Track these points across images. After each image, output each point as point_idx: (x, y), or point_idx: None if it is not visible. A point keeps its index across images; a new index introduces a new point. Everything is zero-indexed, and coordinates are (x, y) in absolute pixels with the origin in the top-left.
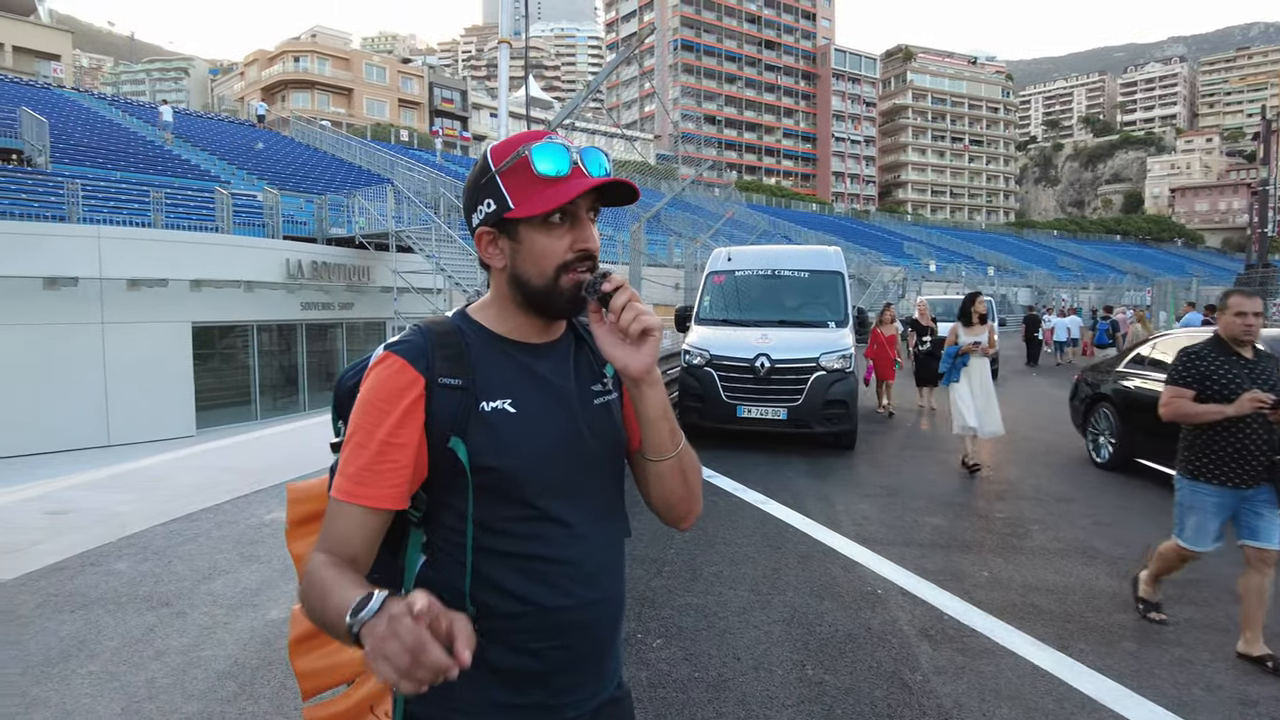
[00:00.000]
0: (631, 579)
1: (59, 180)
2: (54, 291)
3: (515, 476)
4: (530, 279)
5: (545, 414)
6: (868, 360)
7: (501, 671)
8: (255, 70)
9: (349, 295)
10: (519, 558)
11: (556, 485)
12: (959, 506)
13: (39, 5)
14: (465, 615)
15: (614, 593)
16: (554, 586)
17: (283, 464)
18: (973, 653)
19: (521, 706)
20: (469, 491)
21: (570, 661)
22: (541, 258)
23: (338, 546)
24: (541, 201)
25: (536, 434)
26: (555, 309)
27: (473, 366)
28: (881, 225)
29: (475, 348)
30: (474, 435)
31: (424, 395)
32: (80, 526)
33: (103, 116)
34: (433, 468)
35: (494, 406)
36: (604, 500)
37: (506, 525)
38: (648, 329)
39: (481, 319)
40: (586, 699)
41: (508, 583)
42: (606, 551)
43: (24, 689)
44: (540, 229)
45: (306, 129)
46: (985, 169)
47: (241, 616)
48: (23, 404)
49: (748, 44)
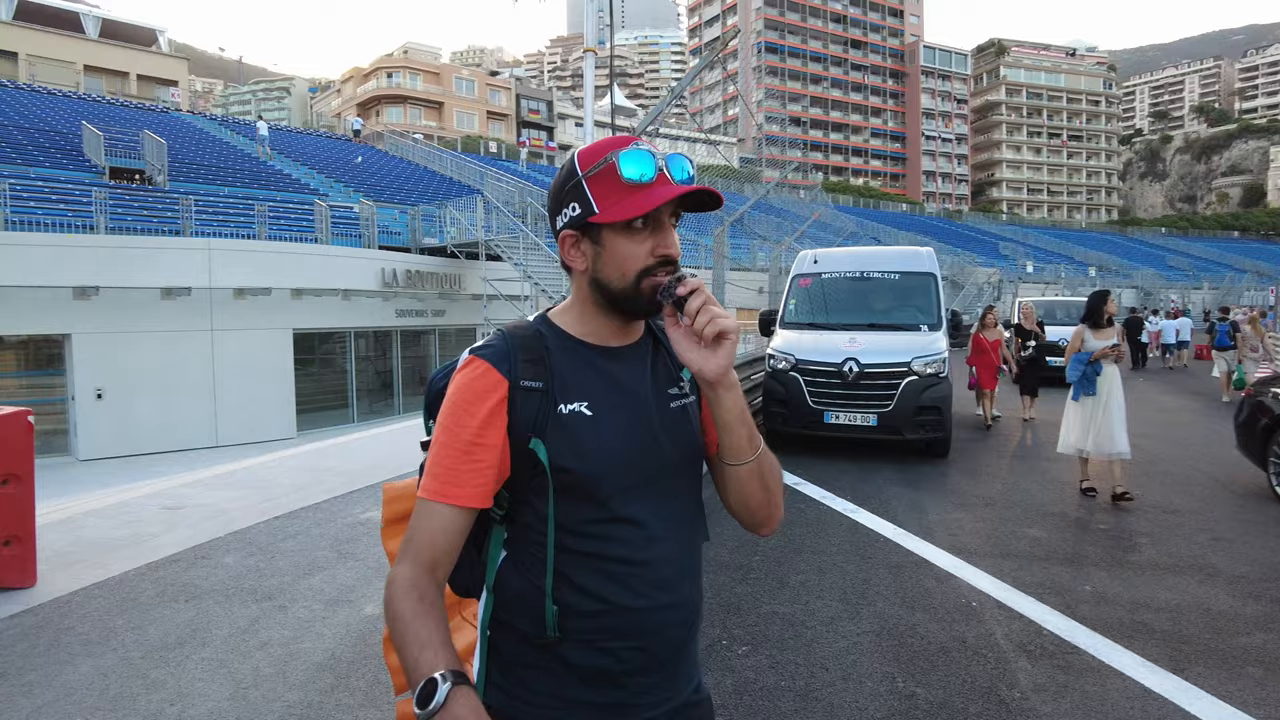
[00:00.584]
0: (715, 585)
1: (175, 197)
2: (170, 301)
3: (590, 478)
4: (611, 282)
5: (620, 417)
6: (968, 367)
7: (578, 669)
8: (351, 87)
9: (441, 303)
10: (595, 558)
11: (631, 488)
12: (1058, 517)
13: (159, 36)
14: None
15: (689, 597)
16: (629, 588)
17: (378, 465)
18: (1076, 670)
19: (597, 705)
20: (549, 492)
21: (646, 663)
22: (624, 262)
23: (424, 547)
24: (627, 208)
25: (611, 437)
26: (635, 311)
27: (552, 370)
28: (975, 225)
29: (555, 351)
30: (553, 437)
31: (507, 397)
32: (192, 522)
33: (212, 136)
34: (515, 468)
35: (571, 409)
36: (679, 504)
37: (584, 526)
38: (723, 332)
39: (561, 323)
40: (662, 701)
41: (585, 582)
42: (681, 555)
43: (145, 671)
44: (623, 234)
45: (399, 142)
46: (1085, 165)
47: (339, 611)
48: (144, 407)
49: (833, 44)
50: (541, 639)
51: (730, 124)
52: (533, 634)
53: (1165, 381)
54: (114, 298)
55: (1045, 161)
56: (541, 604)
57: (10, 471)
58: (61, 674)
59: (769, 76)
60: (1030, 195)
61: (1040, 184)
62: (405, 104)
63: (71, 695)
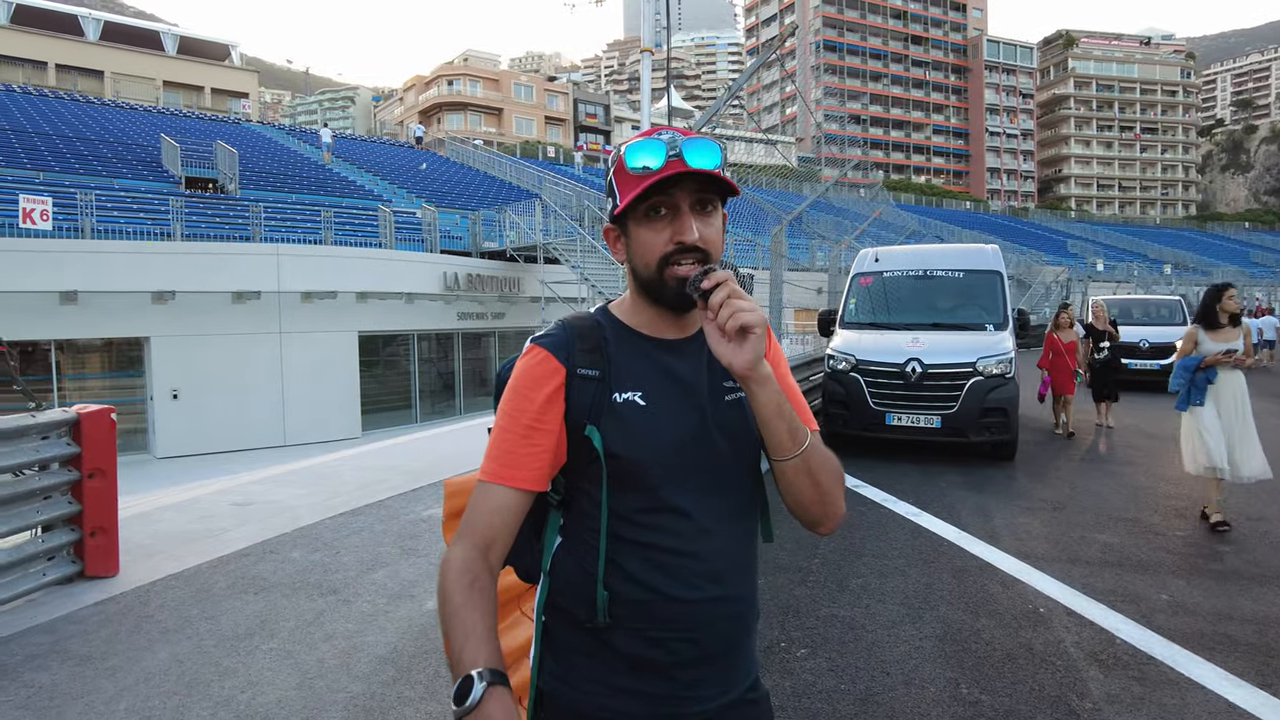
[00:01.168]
0: (774, 586)
1: (245, 204)
2: (241, 305)
3: (641, 467)
4: (639, 271)
5: (673, 408)
6: (1041, 371)
7: (628, 658)
8: (413, 95)
9: (501, 305)
10: (645, 547)
11: (682, 479)
12: (1131, 523)
13: (232, 51)
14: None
15: (742, 591)
16: (678, 579)
17: (439, 464)
18: (1152, 682)
19: (647, 694)
20: (603, 479)
21: (696, 656)
22: (645, 251)
23: (479, 527)
24: (626, 197)
25: (663, 427)
26: (665, 302)
27: (609, 359)
28: (1041, 223)
29: (612, 341)
30: (607, 425)
31: (564, 384)
32: (261, 518)
33: (280, 144)
34: (571, 454)
35: (625, 398)
36: (731, 497)
37: (635, 514)
38: (745, 326)
39: (619, 314)
40: (712, 696)
41: (636, 570)
42: (733, 549)
43: (218, 659)
44: (643, 223)
45: (460, 148)
46: (1160, 159)
47: (401, 606)
48: (216, 407)
49: (893, 40)
50: (592, 624)
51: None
52: (585, 619)
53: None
54: (189, 302)
55: (1117, 156)
56: (593, 590)
57: (96, 466)
58: (141, 659)
59: (828, 75)
60: (1100, 191)
61: (1111, 179)
62: (465, 110)
63: (150, 679)
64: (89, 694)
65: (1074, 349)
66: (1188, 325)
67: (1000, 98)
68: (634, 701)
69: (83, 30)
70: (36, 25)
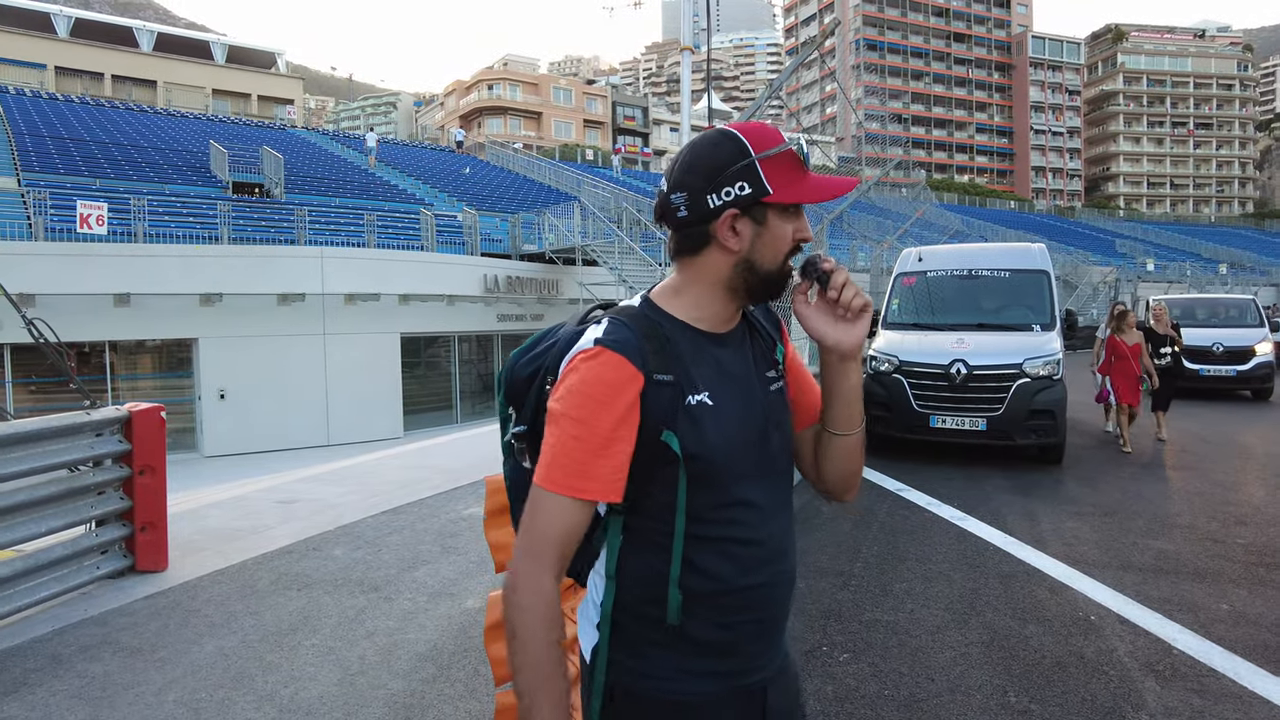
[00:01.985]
0: (815, 591)
1: (290, 208)
2: (286, 306)
3: (716, 465)
4: (764, 262)
5: (735, 404)
6: (1099, 377)
7: (700, 644)
8: (454, 100)
9: (539, 307)
10: (717, 541)
11: (749, 471)
12: (1188, 529)
13: (278, 59)
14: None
15: (793, 565)
16: (747, 567)
17: (479, 463)
18: (1213, 695)
19: (717, 673)
20: (680, 481)
21: (758, 632)
22: (779, 242)
23: (557, 545)
24: (807, 192)
25: (730, 424)
26: (774, 291)
27: (679, 360)
28: (1089, 222)
29: (674, 340)
30: (682, 428)
31: (642, 392)
32: (304, 515)
33: (324, 149)
34: (643, 457)
35: (697, 400)
36: (784, 481)
37: (707, 511)
38: (867, 305)
39: (670, 307)
40: (767, 665)
41: (708, 565)
42: (787, 526)
43: (262, 654)
44: (783, 215)
45: (500, 152)
46: (1215, 155)
47: (441, 604)
48: (261, 407)
49: (935, 38)
50: (666, 623)
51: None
52: (659, 618)
53: None
54: (235, 304)
55: (1168, 153)
56: (664, 590)
57: (147, 463)
58: (189, 652)
59: (868, 73)
60: (1151, 189)
61: (1162, 177)
62: (505, 115)
63: (198, 672)
64: (139, 685)
65: (1139, 352)
66: (1263, 328)
67: (1046, 95)
68: (707, 681)
69: (137, 42)
70: (95, 38)
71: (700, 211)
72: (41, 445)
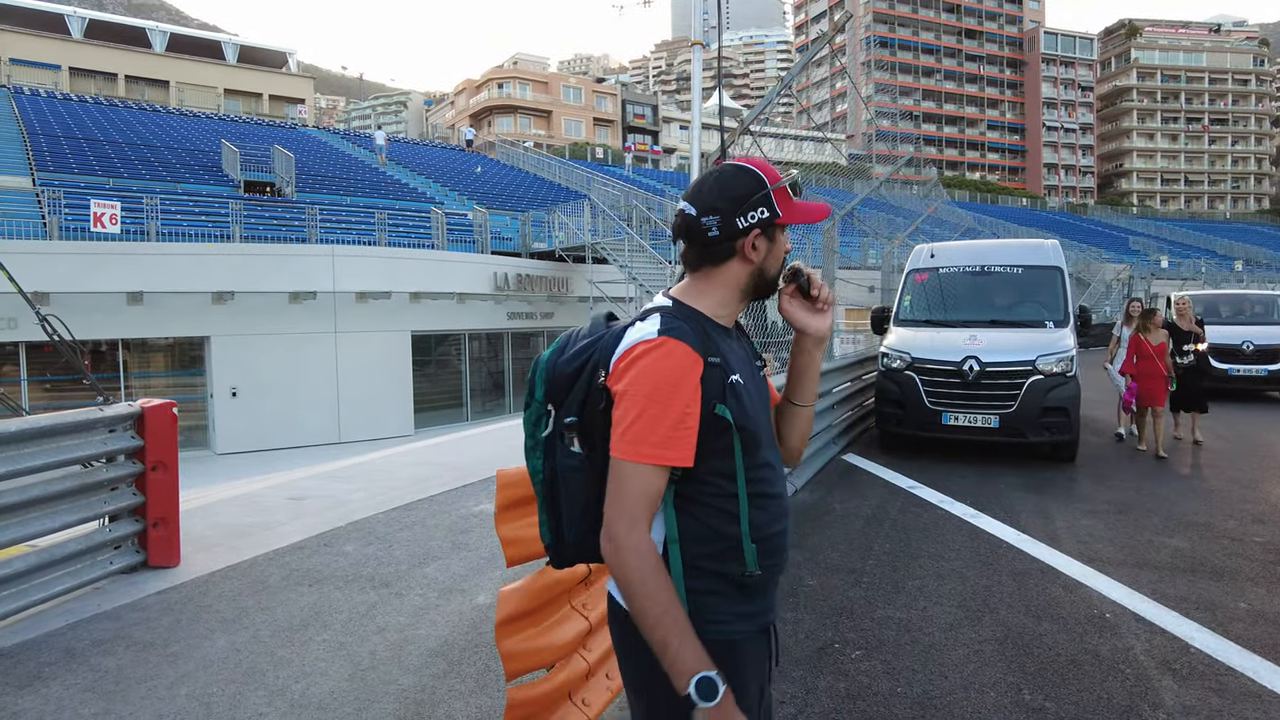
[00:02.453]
0: (827, 587)
1: (301, 207)
2: (298, 304)
3: (755, 433)
4: (771, 271)
5: (752, 383)
6: (1124, 376)
7: (744, 588)
8: (464, 98)
9: (549, 305)
10: (761, 497)
11: (768, 437)
12: (1204, 527)
13: (289, 59)
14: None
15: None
16: (775, 515)
17: (490, 460)
18: (1232, 694)
19: (752, 614)
20: (736, 446)
21: (775, 576)
22: (781, 253)
23: (648, 507)
24: (805, 214)
25: (755, 399)
26: (770, 292)
27: (718, 347)
28: (1102, 219)
29: (709, 331)
30: (730, 402)
31: (702, 372)
32: (315, 512)
33: (334, 148)
34: (701, 431)
35: (735, 378)
36: (777, 446)
37: (752, 471)
38: (832, 299)
39: (698, 306)
40: (775, 604)
41: (754, 518)
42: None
43: (273, 649)
44: (782, 233)
45: (510, 151)
46: (1231, 150)
47: (452, 600)
48: (273, 404)
49: (946, 35)
50: (742, 575)
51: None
52: (718, 571)
53: None
54: (247, 302)
55: (1182, 149)
56: (729, 545)
57: (159, 459)
58: (201, 647)
59: (879, 71)
60: (1165, 186)
61: (1176, 173)
62: (515, 113)
63: (210, 667)
64: (151, 679)
65: (1164, 351)
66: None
67: (1058, 91)
68: (747, 622)
69: (150, 42)
70: (108, 39)
71: (730, 231)
72: (55, 441)
